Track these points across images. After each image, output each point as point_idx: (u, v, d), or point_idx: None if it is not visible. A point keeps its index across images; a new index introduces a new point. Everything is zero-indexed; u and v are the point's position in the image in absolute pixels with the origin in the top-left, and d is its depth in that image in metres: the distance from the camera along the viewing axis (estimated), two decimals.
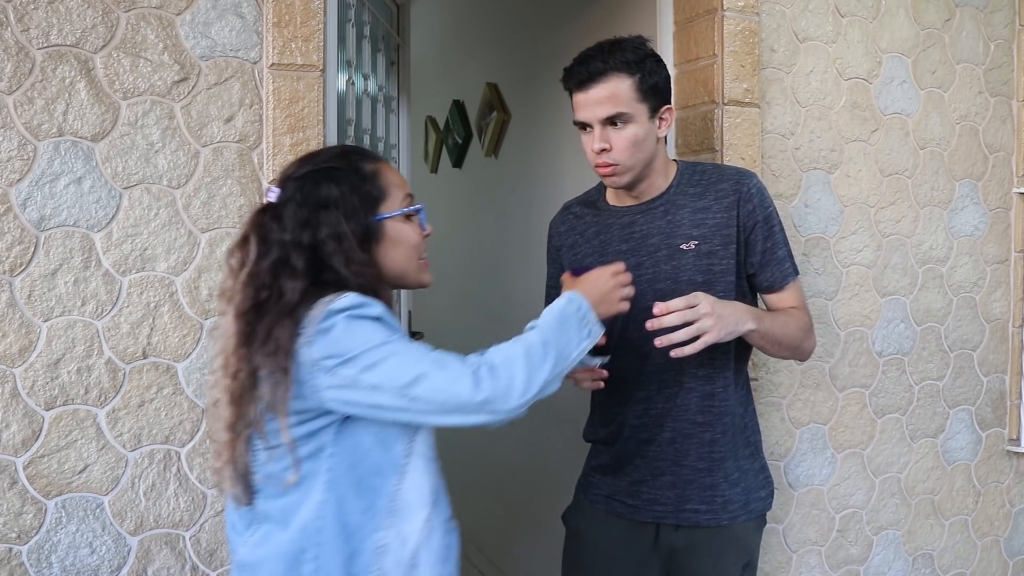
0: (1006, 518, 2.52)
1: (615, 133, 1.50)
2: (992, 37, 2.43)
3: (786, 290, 1.61)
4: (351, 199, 1.21)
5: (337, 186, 1.21)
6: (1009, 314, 2.49)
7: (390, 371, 1.11)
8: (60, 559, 1.54)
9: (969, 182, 2.41)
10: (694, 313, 1.36)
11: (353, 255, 1.19)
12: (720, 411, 1.58)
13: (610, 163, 1.51)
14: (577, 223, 1.70)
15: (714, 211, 1.57)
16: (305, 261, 1.17)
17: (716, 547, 1.59)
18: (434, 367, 1.12)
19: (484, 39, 3.67)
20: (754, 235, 1.57)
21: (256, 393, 1.14)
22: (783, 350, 1.59)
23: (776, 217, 1.61)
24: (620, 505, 1.63)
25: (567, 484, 1.83)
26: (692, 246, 1.56)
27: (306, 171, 1.23)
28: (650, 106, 1.51)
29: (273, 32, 1.63)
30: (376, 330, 1.13)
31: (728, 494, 1.58)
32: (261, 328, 1.13)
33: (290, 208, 1.20)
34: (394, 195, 1.26)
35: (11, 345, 1.51)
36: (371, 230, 1.22)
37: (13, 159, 1.50)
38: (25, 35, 1.50)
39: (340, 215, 1.19)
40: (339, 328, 1.12)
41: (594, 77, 1.49)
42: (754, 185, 1.59)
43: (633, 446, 1.62)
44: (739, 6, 2.01)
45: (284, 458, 1.16)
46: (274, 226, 1.19)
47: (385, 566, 1.17)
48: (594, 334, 1.27)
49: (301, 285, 1.15)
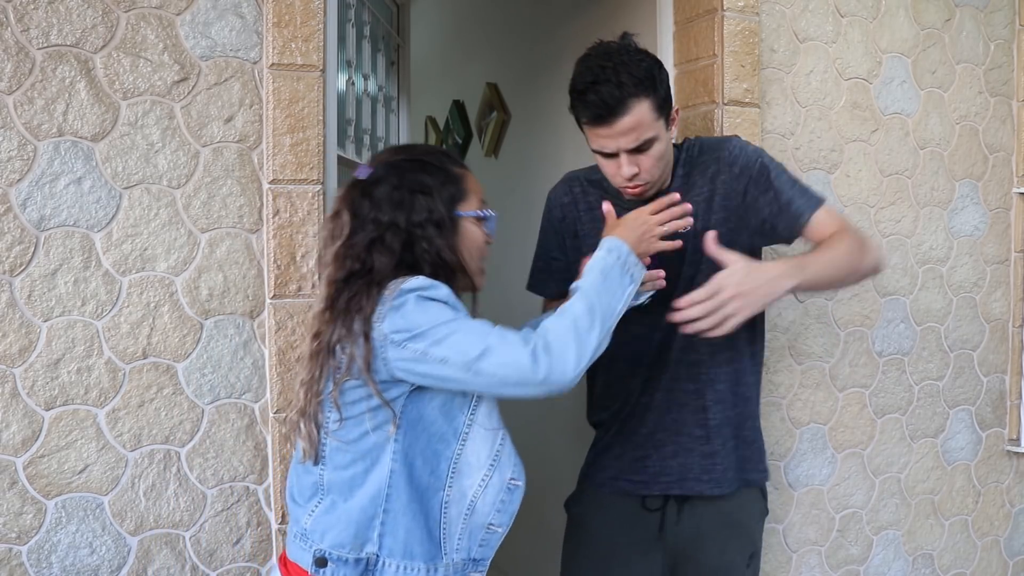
0: (1006, 518, 2.52)
1: (643, 156, 1.48)
2: (992, 37, 2.43)
3: (812, 224, 1.52)
4: (443, 191, 1.31)
5: (431, 176, 1.31)
6: (1009, 314, 2.49)
7: (457, 346, 1.19)
8: (60, 559, 1.54)
9: (969, 182, 2.41)
10: (716, 302, 1.35)
11: (442, 240, 1.29)
12: (711, 377, 1.60)
13: (640, 184, 1.51)
14: (582, 198, 1.69)
15: (699, 186, 1.59)
16: (400, 242, 1.27)
17: (722, 538, 1.61)
18: (499, 343, 1.19)
19: (484, 39, 3.67)
20: (750, 195, 1.56)
21: (333, 361, 1.24)
22: (844, 283, 1.58)
23: (772, 165, 1.56)
24: (627, 483, 1.65)
25: (567, 477, 1.83)
26: (688, 228, 1.56)
27: (402, 159, 1.34)
28: (666, 118, 1.50)
29: (273, 32, 1.63)
30: (443, 309, 1.22)
31: (726, 462, 1.61)
32: (346, 296, 1.24)
33: (384, 188, 1.29)
34: (472, 199, 1.36)
35: (11, 345, 1.51)
36: (451, 222, 1.32)
37: (13, 159, 1.50)
38: (25, 35, 1.50)
39: (434, 202, 1.29)
40: (410, 305, 1.21)
41: (615, 110, 1.42)
42: (735, 147, 1.58)
43: (635, 421, 1.64)
44: (739, 6, 2.01)
45: (356, 427, 1.25)
46: (365, 203, 1.29)
47: (450, 517, 1.29)
48: (636, 277, 1.33)
49: (392, 261, 1.26)
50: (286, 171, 1.63)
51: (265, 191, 1.64)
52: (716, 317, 1.35)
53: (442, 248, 1.29)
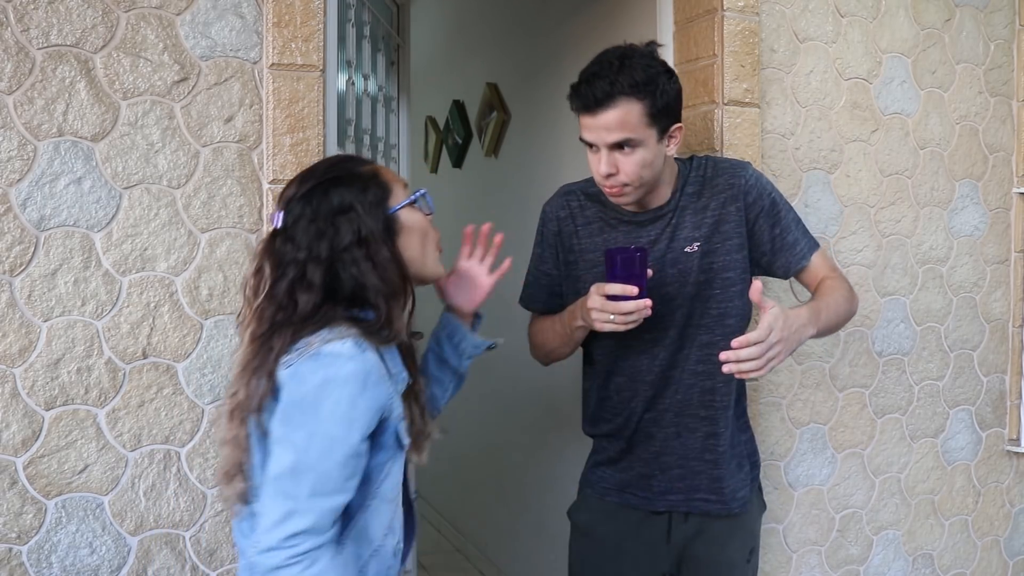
0: (1006, 518, 2.52)
1: (623, 157, 1.48)
2: (992, 37, 2.43)
3: (809, 267, 1.61)
4: (364, 199, 1.24)
5: (347, 189, 1.24)
6: (1009, 314, 2.49)
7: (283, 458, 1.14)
8: (60, 559, 1.54)
9: (969, 182, 2.41)
10: (765, 347, 1.33)
11: (378, 255, 1.22)
12: (722, 404, 1.60)
13: (617, 185, 1.51)
14: (579, 213, 1.67)
15: (712, 208, 1.58)
16: (321, 274, 1.20)
17: (724, 535, 1.62)
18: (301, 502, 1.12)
19: (484, 39, 3.67)
20: (759, 226, 1.58)
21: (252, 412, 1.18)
22: (837, 329, 1.62)
23: (781, 202, 1.61)
24: (632, 496, 1.64)
25: (567, 483, 1.83)
26: (696, 248, 1.56)
27: (310, 187, 1.24)
28: (659, 128, 1.48)
29: (273, 32, 1.63)
30: (335, 405, 1.13)
31: (734, 483, 1.62)
32: (267, 342, 1.18)
33: (301, 225, 1.22)
34: (396, 189, 1.29)
35: (11, 345, 1.51)
36: (390, 223, 1.26)
37: (13, 159, 1.50)
38: (25, 35, 1.50)
39: (359, 217, 1.22)
40: (308, 384, 1.14)
41: (601, 102, 1.43)
42: (751, 175, 1.59)
43: (640, 440, 1.63)
44: (739, 6, 2.01)
45: None
46: (288, 248, 1.22)
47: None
48: None
49: (315, 298, 1.19)
50: (286, 171, 1.63)
51: (265, 191, 1.64)
52: (762, 361, 1.34)
53: (387, 259, 1.23)
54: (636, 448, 1.63)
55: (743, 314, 1.59)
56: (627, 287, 1.40)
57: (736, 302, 1.57)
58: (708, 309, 1.57)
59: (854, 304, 1.62)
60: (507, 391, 3.33)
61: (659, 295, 1.54)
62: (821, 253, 1.63)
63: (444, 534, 4.13)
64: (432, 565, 3.75)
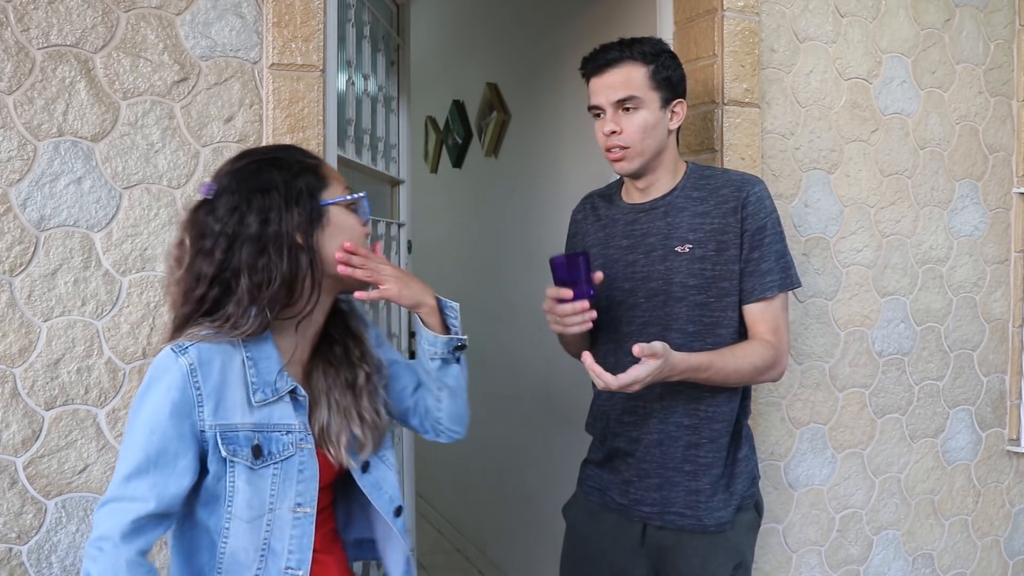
0: (1006, 518, 2.52)
1: (626, 118, 1.56)
2: (992, 37, 2.43)
3: (758, 306, 1.56)
4: (295, 184, 1.18)
5: (279, 172, 1.18)
6: (1009, 314, 2.49)
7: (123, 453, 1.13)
8: (60, 559, 1.54)
9: (969, 182, 2.41)
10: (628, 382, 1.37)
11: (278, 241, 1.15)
12: (708, 415, 1.57)
13: (620, 146, 1.57)
14: (591, 213, 1.75)
15: (712, 216, 1.57)
16: (223, 251, 1.15)
17: (704, 550, 1.58)
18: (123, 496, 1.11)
19: (484, 39, 3.67)
20: (743, 243, 1.57)
21: None
22: (730, 385, 1.58)
23: (771, 229, 1.57)
24: (612, 501, 1.66)
25: (567, 483, 1.83)
26: (687, 249, 1.56)
27: (245, 163, 1.20)
28: (662, 96, 1.57)
29: (273, 32, 1.63)
30: (154, 408, 1.12)
31: (713, 500, 1.57)
32: None
33: (224, 198, 1.17)
34: (335, 186, 1.24)
35: (11, 345, 1.51)
36: (316, 214, 1.19)
37: (13, 159, 1.50)
38: (25, 35, 1.50)
39: (281, 199, 1.16)
40: (146, 380, 1.14)
41: (610, 63, 1.57)
42: (755, 193, 1.57)
43: (622, 444, 1.63)
44: (739, 6, 2.01)
45: None
46: (209, 220, 1.17)
47: None
48: None
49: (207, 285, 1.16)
50: None
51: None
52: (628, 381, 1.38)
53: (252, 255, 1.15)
54: (619, 452, 1.64)
55: (735, 325, 1.58)
56: (562, 290, 1.44)
57: (729, 313, 1.57)
58: (701, 316, 1.56)
59: (767, 375, 1.57)
60: (507, 391, 3.33)
61: (645, 289, 1.59)
62: (775, 304, 1.57)
63: (444, 534, 4.13)
64: (432, 565, 3.75)
